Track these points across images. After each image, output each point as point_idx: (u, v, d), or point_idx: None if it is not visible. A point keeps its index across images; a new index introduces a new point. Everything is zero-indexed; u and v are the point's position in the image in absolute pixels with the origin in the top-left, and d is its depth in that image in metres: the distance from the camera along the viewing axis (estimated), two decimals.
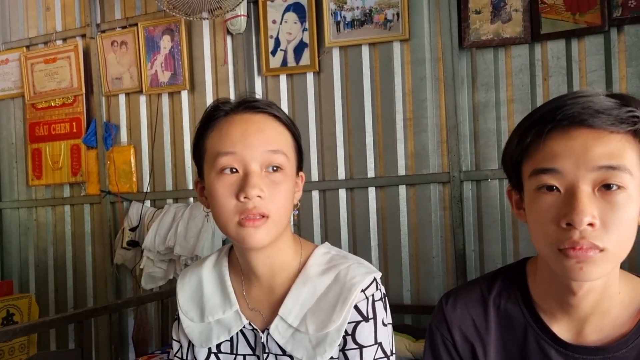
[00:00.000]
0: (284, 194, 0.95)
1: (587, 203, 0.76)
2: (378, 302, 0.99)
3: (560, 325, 0.89)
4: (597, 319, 0.87)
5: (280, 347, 0.99)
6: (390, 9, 2.56)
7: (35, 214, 3.42)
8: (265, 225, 0.92)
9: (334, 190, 2.70)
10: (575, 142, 0.78)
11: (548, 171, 0.79)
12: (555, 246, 0.79)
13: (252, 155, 0.93)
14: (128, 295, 3.14)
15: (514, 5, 2.37)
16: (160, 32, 3.01)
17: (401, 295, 2.57)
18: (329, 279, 0.99)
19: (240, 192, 0.91)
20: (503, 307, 0.94)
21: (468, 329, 0.95)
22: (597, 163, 0.76)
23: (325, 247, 1.07)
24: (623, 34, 2.25)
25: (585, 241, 0.76)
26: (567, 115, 0.78)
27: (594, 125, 0.77)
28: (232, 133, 0.94)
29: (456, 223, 2.46)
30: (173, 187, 3.06)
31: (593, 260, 0.77)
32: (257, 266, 1.00)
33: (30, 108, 3.38)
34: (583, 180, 0.77)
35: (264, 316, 1.02)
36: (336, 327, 0.95)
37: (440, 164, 2.53)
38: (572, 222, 0.76)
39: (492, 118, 2.45)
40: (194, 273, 1.10)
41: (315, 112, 2.74)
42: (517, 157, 0.86)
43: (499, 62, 2.44)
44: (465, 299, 0.97)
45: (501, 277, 0.97)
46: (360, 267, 1.01)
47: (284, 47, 2.75)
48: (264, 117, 0.97)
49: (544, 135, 0.80)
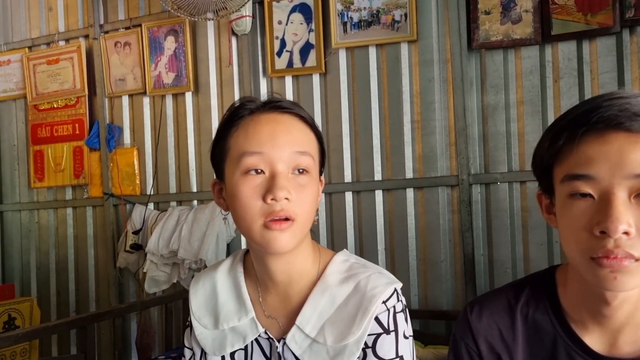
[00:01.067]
0: (310, 197, 0.92)
1: (623, 211, 0.73)
2: (399, 313, 0.95)
3: (592, 337, 0.86)
4: (631, 330, 0.84)
5: (297, 357, 0.95)
6: (397, 9, 2.52)
7: (37, 216, 3.39)
8: (290, 228, 0.89)
9: (341, 193, 2.66)
10: (611, 146, 0.74)
11: (582, 177, 0.76)
12: (588, 254, 0.76)
13: (279, 156, 0.90)
14: (131, 299, 3.11)
15: (524, 5, 2.34)
16: (164, 33, 2.98)
17: (409, 300, 2.53)
18: (348, 289, 0.96)
19: (267, 193, 0.88)
20: (531, 316, 0.91)
21: (494, 339, 0.91)
22: (635, 171, 0.73)
23: (344, 254, 1.03)
24: (636, 35, 2.22)
25: (620, 250, 0.73)
26: (603, 118, 0.74)
27: (631, 128, 0.73)
28: (260, 133, 0.91)
29: (465, 227, 2.43)
30: (177, 190, 3.02)
31: (628, 270, 0.73)
32: (275, 272, 0.97)
33: (33, 109, 3.35)
34: (619, 187, 0.74)
35: (280, 324, 0.98)
36: (355, 339, 0.91)
37: (448, 167, 2.49)
38: (607, 230, 0.73)
39: (501, 120, 2.41)
40: (208, 278, 1.07)
41: (322, 114, 2.70)
42: (548, 161, 0.82)
43: (508, 64, 2.40)
44: (491, 308, 0.93)
45: (529, 286, 0.94)
46: (381, 277, 0.97)
47: (290, 48, 2.71)
48: (291, 118, 0.94)
49: (577, 139, 0.76)
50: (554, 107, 2.34)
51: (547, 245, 2.33)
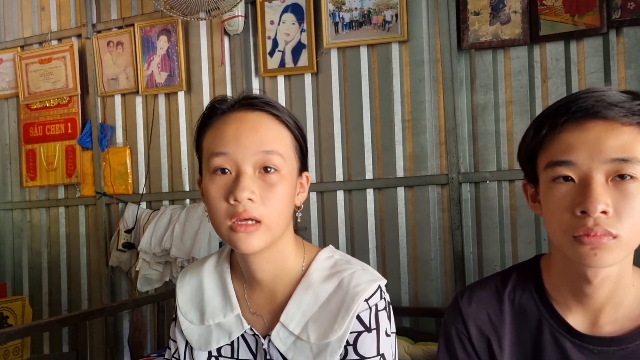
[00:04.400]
0: (279, 196, 0.90)
1: (601, 192, 0.79)
2: (382, 311, 0.95)
3: (575, 317, 0.90)
4: (612, 309, 0.88)
5: (282, 354, 0.96)
6: (388, 10, 2.55)
7: (29, 215, 3.39)
8: (258, 231, 0.89)
9: (332, 192, 2.68)
10: (589, 134, 0.81)
11: (563, 163, 0.82)
12: (570, 233, 0.81)
13: (244, 156, 0.89)
14: (123, 297, 3.11)
15: (513, 6, 2.37)
16: (157, 32, 2.99)
17: (399, 298, 2.56)
18: (332, 286, 0.96)
19: (230, 194, 0.88)
20: (518, 301, 0.95)
21: (484, 323, 0.96)
22: (610, 155, 0.79)
23: (329, 250, 1.04)
24: (622, 36, 2.25)
25: (599, 228, 0.78)
26: (582, 108, 0.81)
27: (607, 117, 0.80)
28: (225, 133, 0.91)
29: (455, 225, 2.45)
30: (169, 189, 3.03)
31: (607, 246, 0.79)
32: (257, 270, 0.97)
33: (25, 109, 3.35)
34: (597, 171, 0.80)
35: (265, 321, 1.00)
36: (338, 337, 0.92)
37: (438, 166, 2.52)
38: (587, 210, 0.79)
39: (490, 120, 2.44)
40: (195, 274, 1.08)
41: (313, 114, 2.73)
42: (533, 150, 0.88)
43: (497, 64, 2.43)
44: (480, 294, 0.98)
45: (516, 273, 0.99)
46: (365, 273, 0.97)
47: (282, 48, 2.73)
48: (260, 116, 0.93)
49: (558, 128, 0.83)
50: (542, 106, 2.37)
51: (536, 243, 2.36)
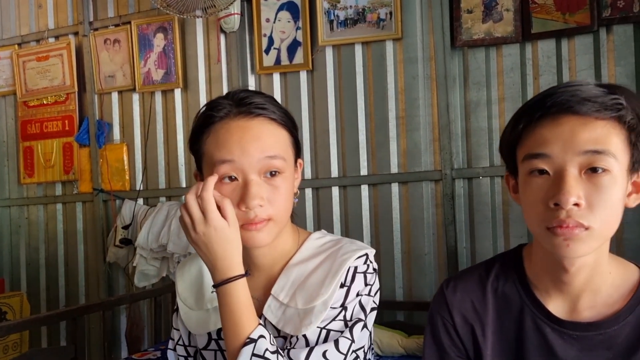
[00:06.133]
0: (284, 195, 0.96)
1: (574, 185, 0.81)
2: (359, 274, 1.00)
3: (554, 303, 0.93)
4: (589, 296, 0.91)
5: (276, 328, 1.00)
6: (383, 7, 2.58)
7: (27, 212, 3.41)
8: (267, 227, 0.95)
9: (327, 188, 2.71)
10: (563, 128, 0.83)
11: (538, 156, 0.84)
12: (544, 225, 0.84)
13: (250, 164, 0.93)
14: (120, 293, 3.14)
15: (505, 4, 2.40)
16: (154, 30, 3.01)
17: (393, 292, 2.59)
18: (320, 258, 1.02)
19: (241, 202, 0.93)
20: (501, 289, 0.98)
21: (468, 311, 0.98)
22: (583, 148, 0.81)
23: (320, 233, 1.10)
24: (612, 34, 2.29)
25: (572, 220, 0.81)
26: (556, 103, 0.83)
27: (580, 112, 0.82)
28: (229, 141, 0.94)
29: (448, 220, 2.49)
30: (166, 185, 3.06)
31: (579, 237, 0.82)
32: (258, 256, 1.03)
33: (22, 106, 3.37)
34: (570, 163, 0.82)
35: (260, 302, 1.03)
36: (323, 300, 0.96)
37: (432, 162, 2.55)
38: (560, 202, 0.81)
39: (483, 116, 2.48)
40: (194, 263, 1.12)
41: (309, 111, 2.75)
42: (512, 143, 0.91)
43: (490, 61, 2.47)
44: (464, 283, 1.01)
45: (499, 262, 1.01)
46: (353, 245, 1.03)
47: (278, 46, 2.76)
48: (260, 122, 0.97)
49: (534, 122, 0.86)
50: None
51: (527, 238, 2.40)
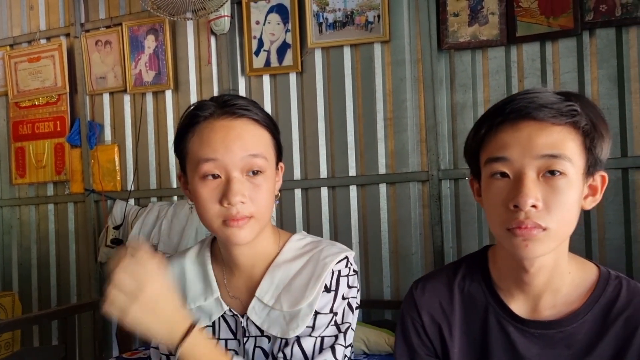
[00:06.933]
0: (265, 194, 1.00)
1: (532, 187, 0.85)
2: (343, 277, 1.04)
3: (517, 303, 0.97)
4: (550, 295, 0.95)
5: (259, 328, 1.03)
6: (371, 10, 2.61)
7: (19, 212, 3.42)
8: (248, 224, 0.98)
9: (316, 189, 2.75)
10: (521, 133, 0.87)
11: (499, 159, 0.88)
12: (505, 226, 0.88)
13: (233, 162, 0.96)
14: None
15: (490, 8, 2.44)
16: (145, 31, 3.04)
17: (381, 291, 2.63)
18: (303, 261, 1.05)
19: (223, 198, 0.96)
20: (467, 289, 1.02)
21: (435, 311, 1.02)
22: (541, 152, 0.85)
23: (301, 234, 1.13)
24: (595, 37, 2.33)
25: (530, 221, 0.85)
26: (515, 109, 0.87)
27: (537, 117, 0.86)
28: (213, 140, 0.97)
29: (434, 220, 2.52)
30: (157, 186, 3.08)
31: (537, 238, 0.85)
32: (239, 255, 1.05)
33: (14, 107, 3.38)
34: (529, 167, 0.86)
35: (243, 303, 1.07)
36: (308, 303, 1.00)
37: (419, 163, 2.59)
38: (518, 204, 0.85)
39: (469, 118, 2.51)
40: (177, 262, 1.15)
41: (298, 112, 2.79)
42: (475, 148, 0.95)
43: (476, 64, 2.51)
44: (433, 284, 1.05)
45: (465, 263, 1.05)
46: (333, 247, 1.07)
47: (267, 48, 2.79)
48: (243, 122, 1.00)
49: (495, 127, 0.90)
50: None
51: None
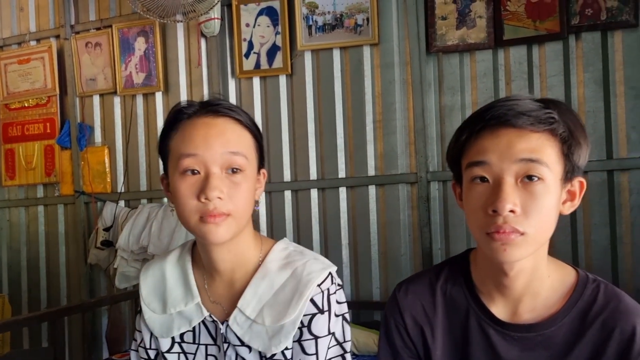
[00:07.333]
0: (244, 193, 0.99)
1: (510, 192, 0.86)
2: (333, 295, 1.04)
3: (497, 306, 0.98)
4: (529, 299, 0.96)
5: (239, 338, 1.04)
6: (360, 13, 2.63)
7: (9, 214, 3.42)
8: (226, 222, 0.97)
9: (306, 191, 2.76)
10: (501, 139, 0.89)
11: (478, 164, 0.90)
12: (484, 230, 0.89)
13: (212, 158, 0.97)
14: (102, 294, 3.16)
15: (478, 12, 2.46)
16: (135, 33, 3.04)
17: (370, 292, 2.64)
18: (286, 275, 1.04)
19: (201, 193, 0.96)
20: (449, 292, 1.03)
21: (418, 314, 1.03)
22: (519, 156, 0.87)
23: (284, 242, 1.12)
24: (581, 41, 2.36)
25: (508, 226, 0.86)
26: (494, 116, 0.89)
27: (516, 124, 0.88)
28: (194, 136, 0.98)
29: (423, 222, 2.54)
30: (147, 188, 3.09)
31: (515, 242, 0.87)
32: (218, 260, 1.05)
33: (4, 108, 3.38)
34: (507, 172, 0.87)
35: (224, 308, 1.07)
36: (291, 320, 1.00)
37: (408, 165, 2.61)
38: (497, 209, 0.86)
39: (457, 121, 2.53)
40: (157, 266, 1.15)
41: (288, 114, 2.80)
42: (456, 154, 0.96)
43: (464, 67, 2.53)
44: (415, 287, 1.06)
45: (448, 266, 1.06)
46: (317, 262, 1.06)
47: (257, 50, 2.80)
48: (225, 121, 1.01)
49: (475, 134, 0.91)
50: None
51: None
